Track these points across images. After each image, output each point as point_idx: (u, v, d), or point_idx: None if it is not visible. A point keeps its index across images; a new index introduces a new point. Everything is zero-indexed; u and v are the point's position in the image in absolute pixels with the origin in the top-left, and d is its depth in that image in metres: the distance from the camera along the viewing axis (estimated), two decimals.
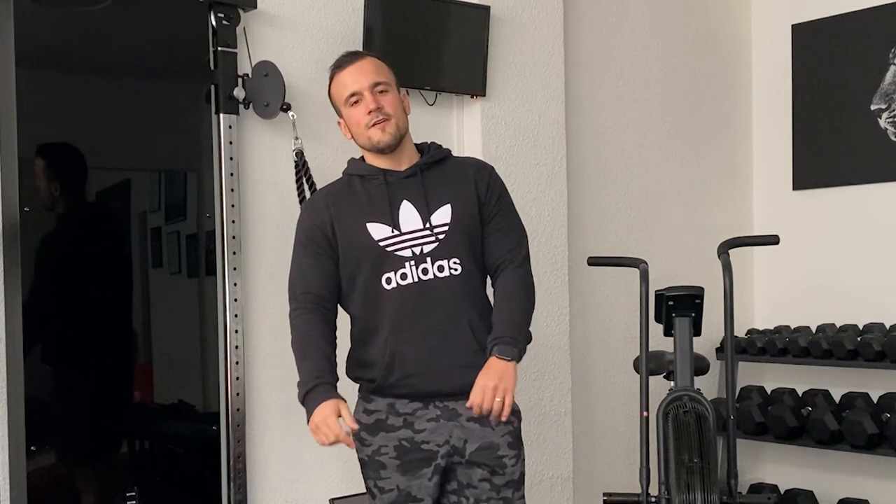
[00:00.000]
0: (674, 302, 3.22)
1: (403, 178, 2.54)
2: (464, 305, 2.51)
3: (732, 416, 3.33)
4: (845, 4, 4.51)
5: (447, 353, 2.49)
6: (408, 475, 2.52)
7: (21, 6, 2.71)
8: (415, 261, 2.48)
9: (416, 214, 2.51)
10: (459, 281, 2.51)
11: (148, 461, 3.01)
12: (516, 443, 2.58)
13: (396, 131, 2.52)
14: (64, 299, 2.83)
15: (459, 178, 2.58)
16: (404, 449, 2.52)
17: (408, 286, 2.48)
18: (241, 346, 3.10)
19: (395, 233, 2.49)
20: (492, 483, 2.53)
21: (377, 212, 2.51)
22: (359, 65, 2.53)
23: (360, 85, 2.50)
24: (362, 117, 2.50)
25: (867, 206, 4.46)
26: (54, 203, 2.82)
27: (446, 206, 2.52)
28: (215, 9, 3.04)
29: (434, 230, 2.50)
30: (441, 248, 2.50)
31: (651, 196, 4.44)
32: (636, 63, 4.39)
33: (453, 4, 3.56)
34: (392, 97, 2.53)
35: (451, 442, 2.51)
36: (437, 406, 2.52)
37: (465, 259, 2.52)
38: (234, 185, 3.09)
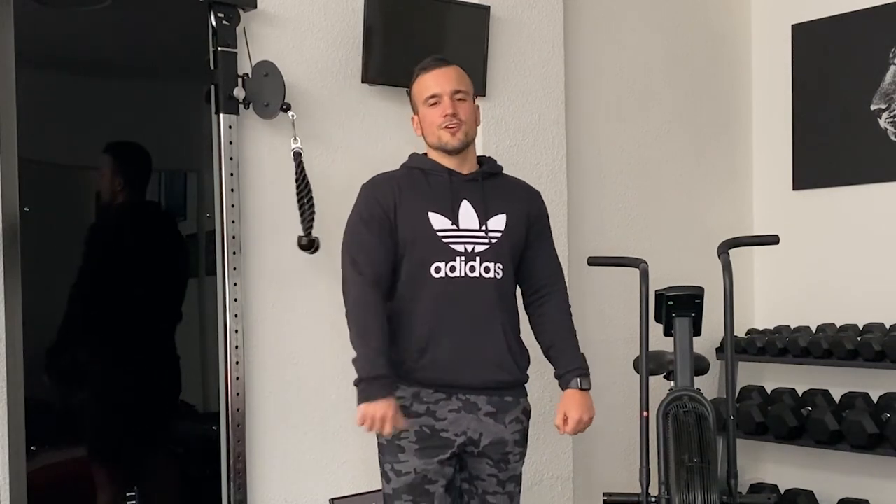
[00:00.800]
0: (674, 302, 3.22)
1: (465, 181, 2.70)
2: (500, 308, 2.68)
3: (732, 416, 3.32)
4: (845, 4, 4.51)
5: (479, 349, 2.65)
6: (424, 459, 2.63)
7: (21, 6, 2.71)
8: (465, 257, 2.64)
9: (474, 215, 2.67)
10: (500, 285, 2.68)
11: (148, 461, 3.01)
12: (523, 441, 2.77)
13: (465, 137, 2.68)
14: (64, 299, 2.83)
15: (514, 194, 2.78)
16: (424, 435, 2.64)
17: (455, 279, 2.63)
18: (241, 346, 3.10)
19: (454, 227, 2.65)
20: (498, 478, 2.71)
21: (439, 204, 2.66)
22: (444, 70, 2.71)
23: (441, 89, 2.67)
24: (437, 118, 2.67)
25: (867, 206, 4.46)
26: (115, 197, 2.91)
27: (502, 215, 2.70)
28: (215, 9, 3.04)
29: (489, 234, 2.66)
30: (491, 251, 2.66)
31: (651, 196, 4.44)
32: (636, 63, 4.39)
33: (453, 4, 3.56)
34: (468, 106, 2.70)
35: (468, 433, 2.66)
36: (459, 398, 2.65)
37: (507, 267, 2.70)
38: (234, 185, 3.09)
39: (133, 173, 2.96)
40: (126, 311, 2.94)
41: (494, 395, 2.69)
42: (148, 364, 2.98)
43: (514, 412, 2.73)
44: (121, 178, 2.92)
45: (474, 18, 3.60)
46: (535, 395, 3.79)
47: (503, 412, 2.70)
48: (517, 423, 2.74)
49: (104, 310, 2.90)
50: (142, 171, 2.97)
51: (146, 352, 2.99)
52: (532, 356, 2.84)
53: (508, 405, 2.71)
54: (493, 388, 2.68)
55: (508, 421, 2.71)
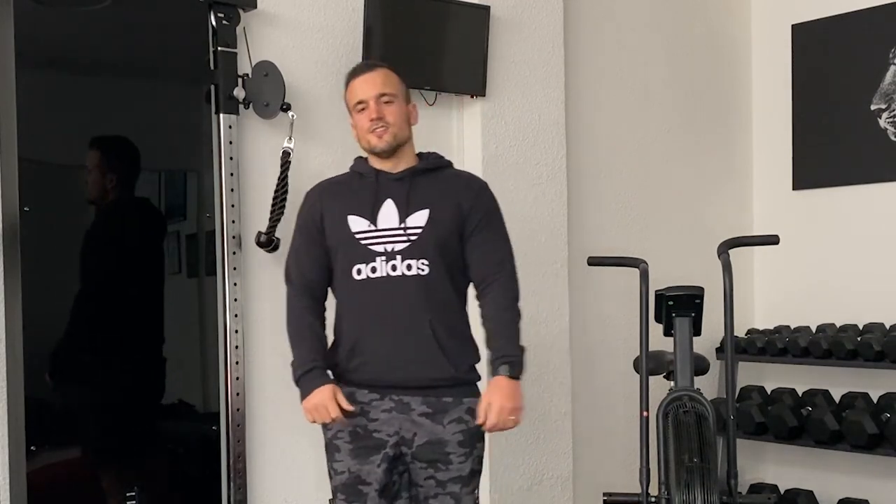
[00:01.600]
0: (674, 302, 3.22)
1: (393, 180, 2.69)
2: (427, 305, 2.63)
3: (732, 416, 3.32)
4: (845, 4, 4.51)
5: (405, 347, 2.63)
6: (358, 459, 2.65)
7: (21, 6, 2.71)
8: (386, 257, 2.63)
9: (395, 214, 2.65)
10: (425, 281, 2.63)
11: (148, 461, 3.01)
12: (469, 441, 2.67)
13: (393, 140, 2.67)
14: (64, 299, 2.83)
15: (448, 188, 2.73)
16: (357, 435, 2.65)
17: (376, 279, 2.63)
18: (241, 346, 3.10)
19: (372, 228, 2.65)
20: (436, 479, 2.65)
21: (360, 206, 2.67)
22: (370, 75, 2.70)
23: (367, 94, 2.67)
24: (365, 123, 2.67)
25: (867, 206, 4.46)
26: (105, 195, 2.90)
27: (425, 210, 2.66)
28: (215, 9, 3.04)
29: (407, 231, 2.63)
30: (412, 248, 2.63)
31: (651, 196, 4.44)
32: (636, 63, 4.39)
33: (453, 4, 3.56)
34: (396, 108, 2.69)
35: (400, 433, 2.63)
36: (392, 399, 2.64)
37: (434, 263, 2.64)
38: (234, 185, 3.09)
39: (122, 169, 2.94)
40: (126, 311, 2.94)
41: (431, 394, 2.64)
42: (148, 363, 2.98)
43: (455, 412, 2.65)
44: (112, 176, 2.91)
45: (474, 18, 3.60)
46: (535, 395, 3.81)
47: (441, 412, 2.64)
48: (459, 424, 2.65)
49: (104, 309, 2.90)
50: (132, 166, 2.95)
51: (146, 351, 2.99)
52: (531, 355, 2.82)
53: (447, 405, 2.65)
54: (427, 388, 2.63)
55: (447, 421, 2.64)
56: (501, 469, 3.72)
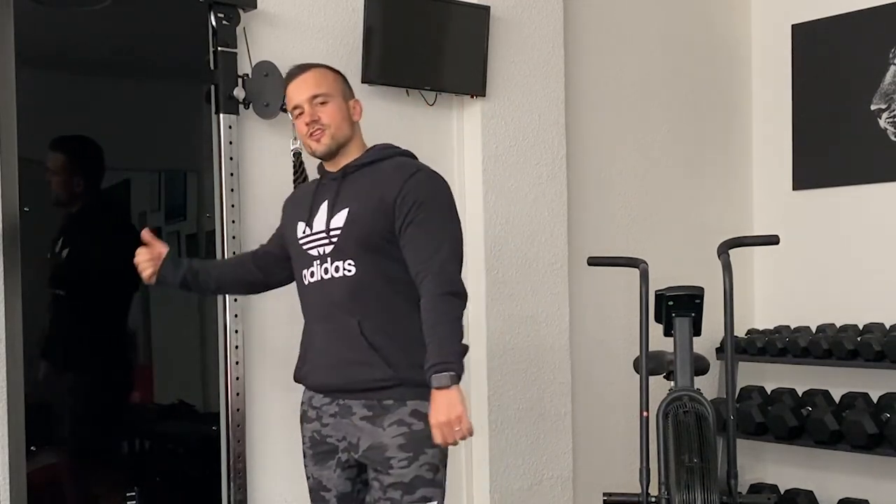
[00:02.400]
0: (674, 302, 3.22)
1: (330, 180, 2.65)
2: (355, 306, 2.53)
3: (732, 416, 3.32)
4: (845, 4, 4.51)
5: (338, 350, 2.56)
6: (318, 465, 2.65)
7: (21, 6, 2.71)
8: (319, 260, 2.59)
9: (324, 216, 2.60)
10: (351, 282, 2.54)
11: (148, 461, 3.01)
12: (411, 445, 2.51)
13: (331, 141, 2.60)
14: (64, 299, 2.83)
15: (375, 181, 2.58)
16: (315, 441, 2.65)
17: (315, 283, 2.60)
18: (241, 346, 3.10)
19: (308, 232, 2.62)
20: (379, 482, 2.53)
21: (303, 211, 2.66)
22: (301, 78, 2.62)
23: (300, 98, 2.60)
24: (303, 128, 2.61)
25: (867, 206, 4.46)
26: (70, 199, 2.86)
27: (345, 210, 2.56)
28: (215, 9, 3.04)
29: (329, 233, 2.57)
30: (336, 250, 2.56)
31: (651, 196, 4.44)
32: (636, 63, 4.39)
33: (453, 4, 3.56)
34: (332, 107, 2.60)
35: (347, 438, 2.58)
36: (337, 403, 2.59)
37: (359, 262, 2.53)
38: (234, 185, 3.09)
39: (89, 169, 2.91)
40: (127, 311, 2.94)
41: (372, 397, 2.52)
42: (151, 364, 2.99)
43: (396, 415, 2.51)
44: (79, 176, 2.87)
45: (474, 18, 3.60)
46: (535, 395, 3.81)
47: (381, 416, 2.51)
48: (400, 426, 2.50)
49: (103, 309, 2.90)
50: (97, 166, 2.92)
51: (148, 350, 2.99)
52: (531, 356, 2.81)
53: (388, 408, 2.51)
54: (367, 390, 2.51)
55: (388, 424, 2.51)
56: (501, 469, 3.72)
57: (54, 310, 2.82)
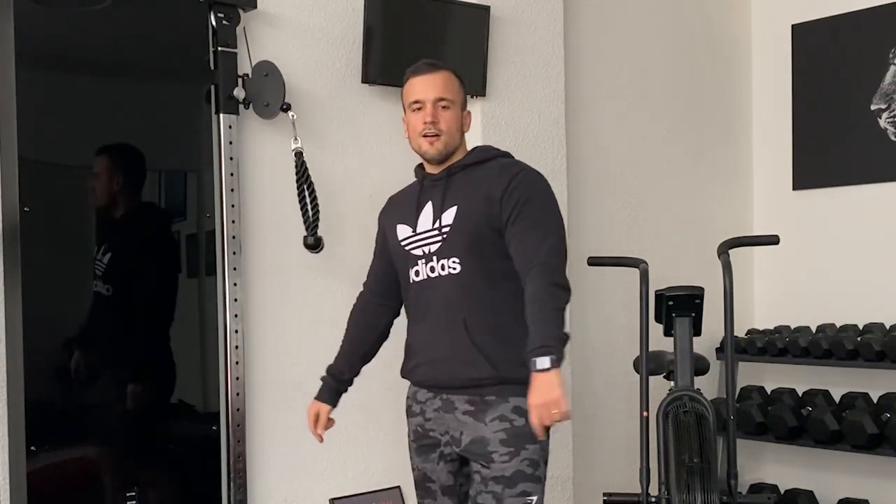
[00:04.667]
0: (674, 302, 3.22)
1: (434, 181, 2.69)
2: (461, 304, 2.59)
3: (732, 416, 3.33)
4: (845, 4, 4.51)
5: (443, 347, 2.62)
6: (422, 458, 2.72)
7: (21, 6, 2.71)
8: (425, 259, 2.64)
9: (430, 216, 2.65)
10: (457, 280, 2.60)
11: (148, 461, 3.01)
12: (513, 440, 2.56)
13: (444, 147, 2.65)
14: (64, 299, 2.83)
15: (481, 180, 2.64)
16: (419, 434, 2.72)
17: (420, 282, 2.66)
18: (241, 346, 3.10)
19: (412, 233, 2.67)
20: (481, 475, 2.60)
21: (406, 213, 2.71)
22: (431, 76, 2.65)
23: (425, 95, 2.63)
24: (418, 125, 2.64)
25: (867, 206, 4.46)
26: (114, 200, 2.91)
27: (453, 207, 2.62)
28: (215, 9, 3.04)
29: (442, 230, 2.62)
30: (443, 248, 2.61)
31: (651, 196, 4.44)
32: (636, 63, 4.39)
33: (453, 4, 3.56)
34: (451, 115, 2.65)
35: (449, 432, 2.64)
36: (441, 398, 2.65)
37: (465, 259, 2.59)
38: (234, 185, 3.09)
39: (130, 175, 2.95)
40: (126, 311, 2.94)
41: (474, 394, 2.59)
42: (148, 364, 2.99)
43: (498, 410, 2.57)
44: (119, 179, 2.91)
45: (474, 18, 3.60)
46: None
47: (482, 411, 2.58)
48: (502, 422, 2.57)
49: (103, 309, 2.90)
50: (138, 172, 2.97)
51: (146, 352, 2.99)
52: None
53: (491, 403, 2.58)
54: (470, 387, 2.59)
55: (489, 420, 2.57)
56: None
57: (54, 310, 2.82)
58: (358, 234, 3.40)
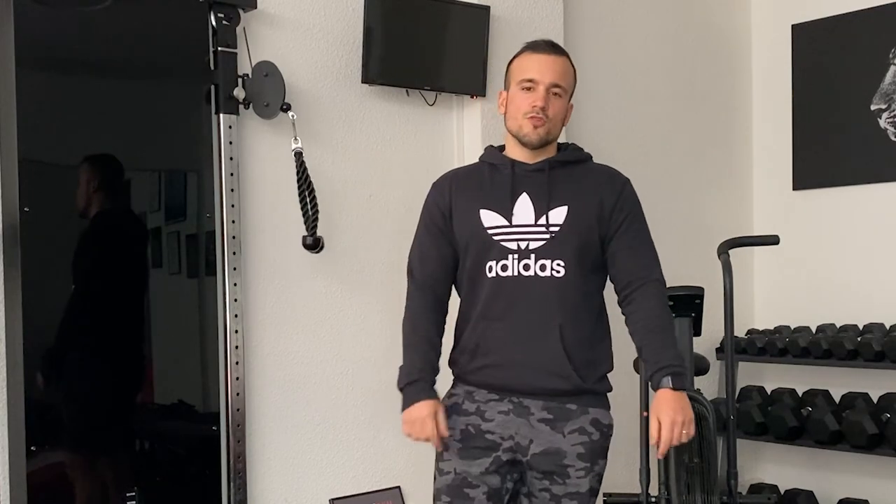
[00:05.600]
0: (674, 302, 3.22)
1: (530, 171, 2.51)
2: (558, 309, 2.45)
3: (732, 416, 3.33)
4: (845, 4, 4.51)
5: (530, 353, 2.45)
6: (466, 460, 2.48)
7: (21, 6, 2.71)
8: (518, 255, 2.45)
9: (530, 209, 2.48)
10: (559, 284, 2.45)
11: (148, 461, 3.01)
12: (590, 455, 2.50)
13: (546, 135, 2.51)
14: (64, 299, 2.83)
15: (588, 183, 2.54)
16: (469, 434, 2.49)
17: (506, 278, 2.45)
18: (241, 346, 3.10)
19: (506, 223, 2.47)
20: (551, 492, 2.47)
21: (494, 200, 2.49)
22: (553, 59, 2.53)
23: (543, 77, 2.49)
24: (525, 105, 2.48)
25: (867, 206, 4.46)
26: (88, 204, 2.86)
27: (563, 206, 2.48)
28: (215, 9, 3.04)
29: (549, 228, 2.46)
30: (547, 247, 2.45)
31: (651, 196, 4.41)
32: (636, 63, 4.39)
33: (453, 4, 3.56)
34: (561, 104, 2.54)
35: (515, 438, 2.47)
36: (511, 401, 2.48)
37: (570, 264, 2.46)
38: (234, 185, 3.09)
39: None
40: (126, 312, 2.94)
41: (553, 401, 2.46)
42: (149, 364, 2.99)
43: (578, 422, 2.48)
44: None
45: (474, 18, 3.60)
46: None
47: (562, 420, 2.46)
48: (581, 435, 2.47)
49: (103, 310, 2.90)
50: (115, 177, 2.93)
51: (147, 352, 2.99)
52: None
53: (570, 413, 2.47)
54: (552, 395, 2.45)
55: (568, 431, 2.46)
56: None
57: (54, 310, 2.82)
58: (358, 234, 3.40)
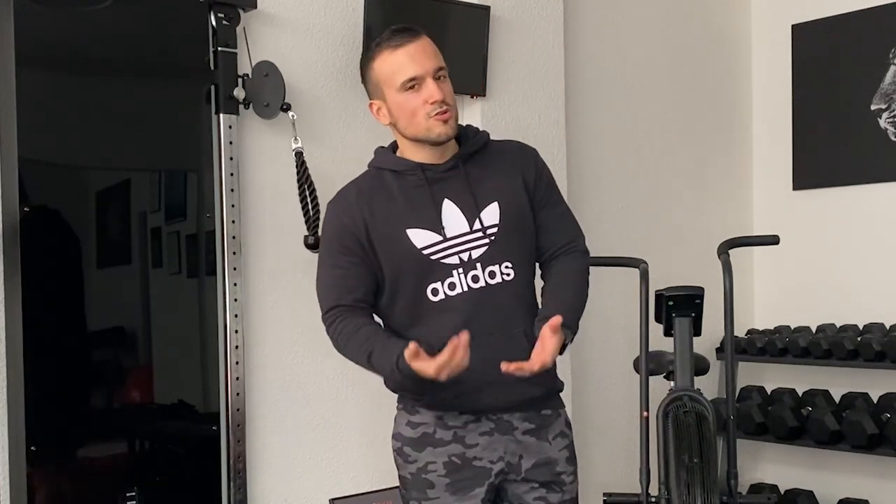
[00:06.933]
0: (674, 302, 3.22)
1: (443, 173, 2.29)
2: (518, 314, 2.30)
3: (732, 416, 3.33)
4: (845, 4, 4.51)
5: (499, 366, 2.24)
6: (458, 495, 2.28)
7: (21, 6, 2.70)
8: (463, 268, 2.25)
9: (460, 215, 2.26)
10: (512, 287, 2.29)
11: (148, 461, 3.01)
12: (573, 458, 2.45)
13: (456, 124, 2.29)
14: (64, 299, 2.83)
15: (504, 167, 2.33)
16: (455, 466, 2.30)
17: (457, 297, 2.25)
18: (241, 346, 3.10)
19: (440, 238, 2.25)
20: (548, 501, 2.36)
21: (418, 215, 2.26)
22: (419, 45, 2.25)
23: (423, 69, 2.23)
24: (421, 106, 2.24)
25: (867, 206, 4.46)
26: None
27: (493, 203, 2.28)
28: (215, 9, 3.04)
29: (486, 231, 2.26)
30: (491, 252, 2.26)
31: (651, 196, 4.44)
32: (636, 63, 4.39)
33: (453, 4, 3.56)
34: (450, 85, 2.29)
35: (505, 458, 2.32)
36: (489, 418, 2.31)
37: (516, 263, 2.30)
38: (234, 185, 3.09)
39: None
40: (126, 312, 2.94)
41: (530, 409, 2.33)
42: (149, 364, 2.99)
43: (557, 426, 2.40)
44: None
45: (474, 18, 3.60)
46: None
47: (544, 427, 2.35)
48: (563, 438, 2.39)
49: (104, 309, 2.90)
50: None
51: (147, 351, 2.99)
52: None
53: (548, 419, 2.37)
54: (528, 403, 2.33)
55: (552, 437, 2.37)
56: None
57: (54, 310, 2.82)
58: None
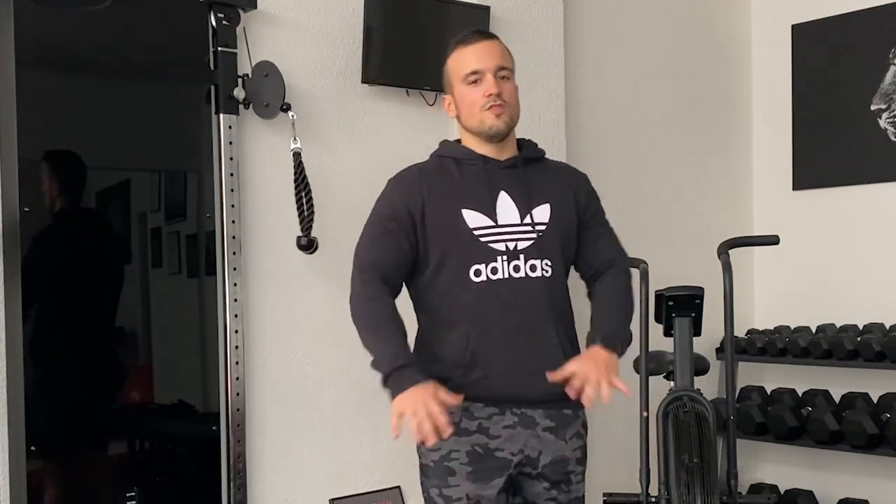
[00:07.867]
0: (674, 302, 3.22)
1: (503, 168, 2.44)
2: (552, 310, 2.42)
3: (732, 416, 3.33)
4: (845, 4, 4.51)
5: (532, 357, 2.37)
6: (478, 483, 2.36)
7: (21, 6, 2.71)
8: (507, 256, 2.36)
9: (513, 207, 2.40)
10: (548, 283, 2.41)
11: (148, 461, 3.01)
12: (584, 458, 2.51)
13: (510, 121, 2.43)
14: (64, 299, 2.83)
15: (558, 179, 2.53)
16: (477, 455, 2.37)
17: (497, 281, 2.36)
18: (241, 346, 3.10)
19: (491, 223, 2.37)
20: (557, 501, 2.43)
21: (474, 199, 2.39)
22: (486, 44, 2.43)
23: (484, 65, 2.39)
24: (478, 98, 2.40)
25: (867, 206, 4.46)
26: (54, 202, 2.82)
27: (546, 204, 2.44)
28: (215, 9, 3.04)
29: (536, 227, 2.40)
30: (536, 246, 2.39)
31: (651, 196, 4.44)
32: (636, 63, 4.39)
33: (453, 4, 3.56)
34: (512, 86, 2.45)
35: (525, 451, 2.40)
36: (514, 413, 2.39)
37: (555, 263, 2.43)
38: (234, 185, 3.09)
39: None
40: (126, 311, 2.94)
41: (552, 407, 2.40)
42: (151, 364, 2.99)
43: (574, 426, 2.47)
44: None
45: (474, 18, 3.59)
46: None
47: (563, 427, 2.42)
48: (578, 439, 2.46)
49: (104, 309, 2.90)
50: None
51: (148, 351, 2.99)
52: None
53: (568, 419, 2.44)
54: (549, 401, 2.38)
55: (569, 437, 2.43)
56: None
57: (55, 310, 2.82)
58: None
